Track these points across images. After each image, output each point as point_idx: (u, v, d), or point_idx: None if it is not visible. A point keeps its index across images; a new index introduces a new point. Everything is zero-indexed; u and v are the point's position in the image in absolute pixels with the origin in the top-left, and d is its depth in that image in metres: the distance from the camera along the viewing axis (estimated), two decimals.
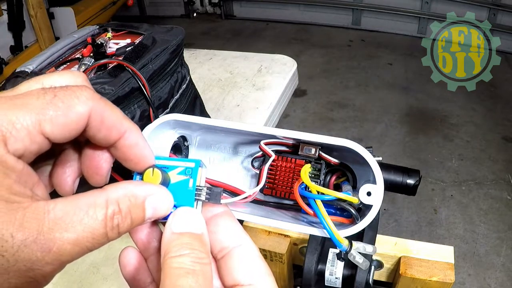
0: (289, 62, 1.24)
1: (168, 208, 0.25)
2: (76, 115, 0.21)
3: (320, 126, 2.37)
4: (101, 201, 0.21)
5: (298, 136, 0.30)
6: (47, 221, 0.19)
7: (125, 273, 0.27)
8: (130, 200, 0.23)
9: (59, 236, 0.20)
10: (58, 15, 2.48)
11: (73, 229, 0.20)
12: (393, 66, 2.93)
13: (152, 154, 0.26)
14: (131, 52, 0.66)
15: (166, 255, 0.22)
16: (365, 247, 0.29)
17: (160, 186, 0.25)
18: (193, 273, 0.22)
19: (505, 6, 2.87)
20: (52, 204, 0.20)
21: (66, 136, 0.21)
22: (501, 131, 2.25)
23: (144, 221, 0.24)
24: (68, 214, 0.20)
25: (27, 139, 0.20)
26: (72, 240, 0.20)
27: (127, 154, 0.25)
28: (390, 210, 1.82)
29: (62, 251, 0.20)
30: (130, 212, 0.22)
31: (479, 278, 1.54)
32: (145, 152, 0.25)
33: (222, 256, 0.25)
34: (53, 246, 0.19)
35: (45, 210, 0.20)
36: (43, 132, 0.20)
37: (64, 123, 0.21)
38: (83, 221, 0.20)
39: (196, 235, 0.24)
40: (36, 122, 0.20)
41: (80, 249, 0.20)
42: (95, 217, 0.21)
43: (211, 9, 4.02)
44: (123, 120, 0.24)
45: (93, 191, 0.22)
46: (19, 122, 0.20)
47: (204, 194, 0.26)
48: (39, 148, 0.21)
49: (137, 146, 0.25)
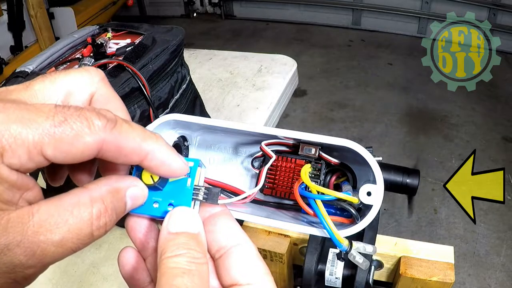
0: (289, 62, 1.24)
1: (144, 197, 0.25)
2: (83, 145, 0.20)
3: (320, 126, 2.37)
4: (85, 200, 0.21)
5: (298, 136, 0.30)
6: (31, 224, 0.19)
7: (124, 272, 0.27)
8: (114, 196, 0.22)
9: (43, 238, 0.19)
10: (58, 15, 2.48)
11: (58, 230, 0.20)
12: (393, 66, 2.93)
13: (184, 165, 0.25)
14: (131, 52, 0.66)
15: (163, 255, 0.22)
16: (365, 247, 0.29)
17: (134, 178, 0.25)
18: (189, 273, 0.21)
19: (505, 6, 2.87)
20: (36, 207, 0.20)
21: (69, 161, 0.21)
22: (501, 131, 2.25)
23: (124, 213, 0.24)
24: (52, 216, 0.20)
25: (25, 156, 0.19)
26: (56, 242, 0.20)
27: (155, 172, 0.24)
28: (390, 210, 1.82)
29: (46, 253, 0.20)
30: (115, 208, 0.22)
31: (479, 278, 1.54)
32: (172, 168, 0.24)
33: (220, 256, 0.25)
34: (37, 249, 0.19)
35: (29, 213, 0.19)
36: (43, 154, 0.20)
37: (68, 150, 0.20)
38: (68, 222, 0.20)
39: (193, 235, 0.24)
40: (38, 143, 0.19)
41: (63, 250, 0.20)
42: (80, 216, 0.20)
43: (211, 9, 4.02)
44: (142, 143, 0.23)
45: (75, 190, 0.21)
46: (20, 138, 0.19)
47: (202, 194, 0.26)
48: (36, 166, 0.20)
49: (163, 165, 0.24)
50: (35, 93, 0.22)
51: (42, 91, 0.23)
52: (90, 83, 0.24)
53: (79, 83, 0.24)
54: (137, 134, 0.23)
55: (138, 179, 0.25)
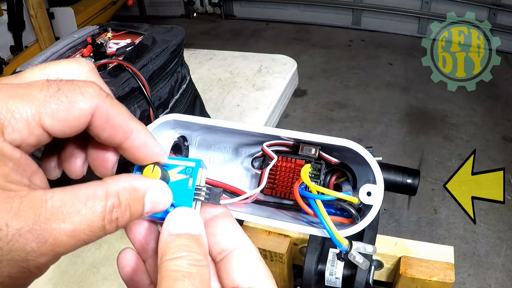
0: (289, 62, 1.24)
1: (167, 203, 0.25)
2: (78, 111, 0.21)
3: (320, 126, 2.37)
4: (100, 193, 0.21)
5: (298, 136, 0.30)
6: (44, 211, 0.19)
7: (123, 274, 0.27)
8: (130, 194, 0.22)
9: (55, 226, 0.19)
10: (58, 15, 2.48)
11: (71, 220, 0.19)
12: (393, 66, 2.93)
13: (164, 152, 0.25)
14: (131, 52, 0.66)
15: (163, 257, 0.22)
16: (365, 247, 0.29)
17: (160, 181, 0.25)
18: (190, 276, 0.21)
19: (505, 6, 2.87)
20: (50, 193, 0.20)
21: (66, 131, 0.21)
22: (501, 131, 2.25)
23: (142, 215, 0.23)
24: (66, 205, 0.20)
25: (25, 130, 0.19)
26: (69, 232, 0.19)
27: (135, 154, 0.24)
28: (390, 210, 1.82)
29: (58, 243, 0.19)
30: (130, 206, 0.22)
31: (479, 278, 1.54)
32: (155, 151, 0.25)
33: (222, 258, 0.25)
34: (49, 237, 0.19)
35: (42, 199, 0.19)
36: (42, 125, 0.20)
37: (65, 118, 0.20)
38: (81, 213, 0.20)
39: (194, 237, 0.23)
40: (36, 114, 0.20)
41: (76, 241, 0.20)
42: (93, 209, 0.20)
43: (211, 9, 4.02)
44: (129, 120, 0.23)
45: (92, 183, 0.21)
46: (18, 112, 0.19)
47: (204, 194, 0.26)
48: (37, 140, 0.20)
49: (146, 146, 0.24)
50: (25, 80, 0.22)
51: (32, 78, 0.22)
52: (80, 73, 0.24)
53: (69, 72, 0.24)
54: (125, 110, 0.23)
55: (164, 182, 0.25)
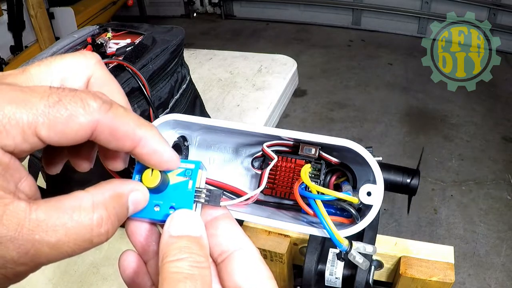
0: (289, 62, 1.24)
1: (145, 202, 0.25)
2: (77, 126, 0.20)
3: (320, 126, 2.37)
4: (86, 204, 0.20)
5: (298, 136, 0.30)
6: (27, 222, 0.19)
7: (125, 276, 0.27)
8: (117, 202, 0.22)
9: (38, 238, 0.19)
10: (58, 15, 2.48)
11: (54, 233, 0.19)
12: (393, 66, 2.93)
13: (176, 157, 0.25)
14: (131, 52, 0.66)
15: (164, 259, 0.22)
16: (365, 247, 0.29)
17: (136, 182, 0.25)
18: (191, 278, 0.21)
19: (505, 6, 2.87)
20: (35, 205, 0.19)
21: (63, 142, 0.20)
22: (501, 131, 2.25)
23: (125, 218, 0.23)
24: (51, 217, 0.19)
25: (20, 137, 0.19)
26: (52, 244, 0.19)
27: (146, 161, 0.24)
28: (390, 210, 1.82)
29: (40, 254, 0.19)
30: (117, 214, 0.22)
31: (479, 278, 1.54)
32: (164, 158, 0.24)
33: (223, 260, 0.25)
34: (31, 248, 0.19)
35: (26, 210, 0.19)
36: (38, 135, 0.20)
37: (62, 131, 0.20)
38: (66, 225, 0.19)
39: (195, 238, 0.23)
40: (32, 123, 0.19)
41: (58, 253, 0.20)
42: (79, 221, 0.20)
43: (211, 9, 4.02)
44: (136, 129, 0.22)
45: (77, 193, 0.21)
46: (14, 119, 0.19)
47: (204, 196, 0.26)
48: (31, 147, 0.20)
49: (155, 153, 0.24)
50: (31, 77, 0.22)
51: (37, 75, 0.22)
52: (86, 66, 0.24)
53: (75, 67, 0.23)
54: (131, 119, 0.22)
55: (140, 183, 0.25)
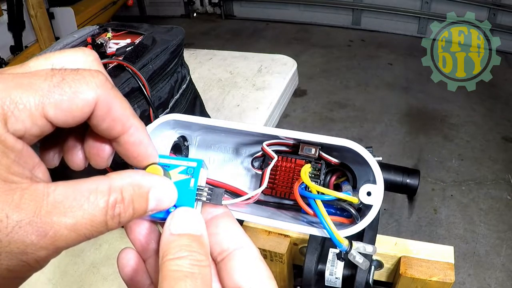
0: (289, 62, 1.24)
1: (171, 202, 0.24)
2: (82, 101, 0.20)
3: (320, 126, 2.37)
4: (103, 188, 0.21)
5: (298, 136, 0.30)
6: (45, 204, 0.19)
7: (124, 274, 0.27)
8: (134, 190, 0.22)
9: (56, 220, 0.19)
10: (58, 15, 2.48)
11: (72, 214, 0.19)
12: (393, 66, 2.93)
13: (156, 153, 0.26)
14: (131, 52, 0.66)
15: (164, 257, 0.22)
16: (365, 247, 0.29)
17: (165, 178, 0.24)
18: (191, 276, 0.21)
19: (505, 6, 2.87)
20: (53, 186, 0.20)
21: (69, 121, 0.21)
22: (501, 131, 2.25)
23: (146, 213, 0.23)
24: (68, 198, 0.19)
25: (29, 120, 0.19)
26: (69, 226, 0.19)
27: (129, 151, 0.24)
28: (390, 210, 1.81)
29: (59, 236, 0.19)
30: (133, 202, 0.22)
31: (479, 278, 1.54)
32: (148, 151, 0.25)
33: (222, 259, 0.25)
34: (50, 230, 0.19)
35: (44, 192, 0.19)
36: (46, 115, 0.20)
37: (69, 108, 0.20)
38: (83, 207, 0.20)
39: (195, 237, 0.23)
40: (39, 104, 0.19)
41: (77, 235, 0.20)
42: (96, 203, 0.20)
43: (211, 9, 4.02)
44: (130, 115, 0.23)
45: (96, 177, 0.21)
46: (22, 103, 0.19)
47: (205, 194, 0.26)
48: (40, 130, 0.20)
49: (141, 144, 0.24)
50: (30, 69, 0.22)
51: (36, 68, 0.22)
52: (84, 62, 0.24)
53: (73, 61, 0.23)
54: (128, 106, 0.23)
55: (169, 180, 0.25)
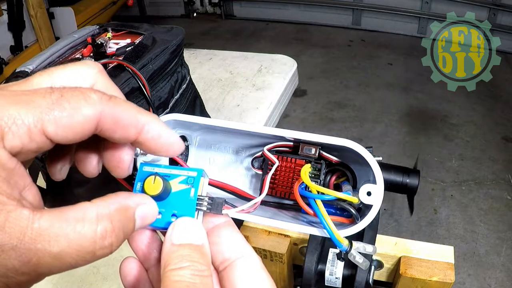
0: (289, 62, 1.24)
1: (154, 217, 0.25)
2: (82, 117, 0.20)
3: (320, 126, 2.37)
4: (90, 216, 0.20)
5: (299, 136, 0.30)
6: (30, 231, 0.18)
7: (126, 283, 0.27)
8: (122, 214, 0.22)
9: (41, 247, 0.18)
10: (58, 15, 2.48)
11: (57, 243, 0.19)
12: (393, 66, 2.93)
13: (180, 141, 0.25)
14: (131, 52, 0.66)
15: (166, 268, 0.22)
16: (365, 247, 0.29)
17: (144, 195, 0.25)
18: (193, 286, 0.21)
19: (505, 6, 2.87)
20: (38, 214, 0.19)
21: (70, 138, 0.21)
22: (501, 131, 2.25)
23: (132, 233, 0.23)
24: (53, 227, 0.19)
25: (26, 137, 0.19)
26: (54, 254, 0.19)
27: (152, 146, 0.24)
28: (390, 210, 1.81)
29: (42, 264, 0.19)
30: (123, 227, 0.22)
31: (479, 278, 1.54)
32: (170, 140, 0.24)
33: (224, 268, 0.25)
34: (33, 257, 0.18)
35: (29, 218, 0.19)
36: (45, 132, 0.20)
37: (68, 125, 0.20)
38: (68, 236, 0.19)
39: (196, 247, 0.23)
40: (38, 120, 0.19)
41: (61, 264, 0.19)
42: (82, 233, 0.20)
43: (211, 9, 4.02)
44: (138, 115, 0.23)
45: (82, 204, 0.21)
46: (20, 118, 0.19)
47: (206, 204, 0.26)
48: (38, 147, 0.20)
49: (161, 137, 0.24)
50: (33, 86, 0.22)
51: (40, 84, 0.22)
52: (87, 76, 0.24)
53: (77, 76, 0.24)
54: (132, 107, 0.23)
55: (148, 196, 0.25)
